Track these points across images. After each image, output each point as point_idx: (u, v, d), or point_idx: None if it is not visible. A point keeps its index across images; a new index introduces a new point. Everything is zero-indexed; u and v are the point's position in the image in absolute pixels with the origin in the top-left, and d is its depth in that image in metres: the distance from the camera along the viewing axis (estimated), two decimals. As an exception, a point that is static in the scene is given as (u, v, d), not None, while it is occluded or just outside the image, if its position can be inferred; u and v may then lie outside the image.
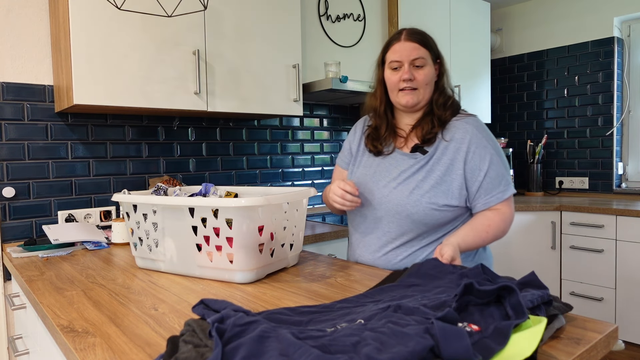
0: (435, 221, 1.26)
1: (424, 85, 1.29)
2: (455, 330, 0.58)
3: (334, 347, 0.58)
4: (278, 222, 1.21)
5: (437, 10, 3.00)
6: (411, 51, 1.28)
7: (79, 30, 1.57)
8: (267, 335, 0.59)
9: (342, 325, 0.71)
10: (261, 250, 1.16)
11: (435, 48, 1.32)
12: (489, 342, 0.61)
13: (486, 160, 1.25)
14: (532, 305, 0.73)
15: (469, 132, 1.27)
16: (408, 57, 1.27)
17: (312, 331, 0.66)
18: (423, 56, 1.28)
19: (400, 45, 1.29)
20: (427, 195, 1.25)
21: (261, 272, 1.18)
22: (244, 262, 1.13)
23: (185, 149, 2.20)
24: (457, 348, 0.56)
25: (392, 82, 1.31)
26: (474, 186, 1.25)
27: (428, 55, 1.29)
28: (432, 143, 1.29)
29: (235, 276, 1.15)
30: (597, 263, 2.71)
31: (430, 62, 1.30)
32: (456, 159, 1.26)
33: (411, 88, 1.28)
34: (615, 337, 0.78)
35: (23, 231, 1.79)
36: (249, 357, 0.54)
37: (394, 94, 1.32)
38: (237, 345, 0.56)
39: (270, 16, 2.09)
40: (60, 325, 0.88)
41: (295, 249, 1.32)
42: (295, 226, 1.30)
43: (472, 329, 0.64)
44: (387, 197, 1.29)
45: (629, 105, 3.24)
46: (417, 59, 1.27)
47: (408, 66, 1.28)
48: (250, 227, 1.11)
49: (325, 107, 2.77)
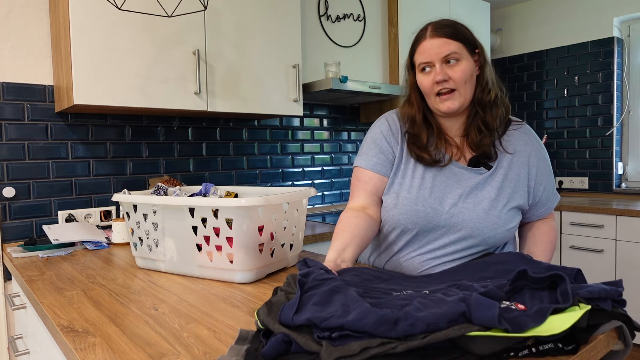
0: (504, 241, 1.16)
1: (463, 83, 1.10)
2: (488, 302, 0.64)
3: (384, 305, 0.69)
4: (278, 222, 1.21)
5: (437, 10, 3.00)
6: (440, 47, 1.09)
7: (79, 30, 1.57)
8: (337, 290, 0.72)
9: (408, 292, 0.80)
10: (261, 250, 1.16)
11: (470, 37, 1.12)
12: (527, 319, 0.65)
13: (546, 174, 1.19)
14: (591, 296, 0.73)
15: (529, 144, 1.18)
16: (438, 55, 1.09)
17: (376, 292, 0.80)
18: (456, 50, 1.09)
19: (427, 43, 1.10)
20: (503, 217, 1.12)
21: (261, 272, 1.18)
22: (244, 262, 1.13)
23: (185, 149, 2.20)
24: (485, 315, 0.62)
25: (425, 87, 1.13)
26: (534, 200, 1.19)
27: (462, 48, 1.10)
28: (493, 156, 1.15)
29: (235, 276, 1.15)
30: (597, 263, 2.71)
31: (466, 56, 1.10)
32: (521, 174, 1.15)
33: (449, 90, 1.10)
34: (615, 337, 0.78)
35: (23, 231, 1.79)
36: (319, 303, 0.68)
37: (431, 99, 1.14)
38: (312, 294, 0.71)
39: (270, 16, 2.09)
40: (60, 325, 0.88)
41: (295, 249, 1.32)
42: (295, 226, 1.30)
43: (518, 307, 0.69)
44: (457, 216, 1.12)
45: (628, 105, 3.24)
46: (449, 55, 1.08)
47: (440, 65, 1.09)
48: (250, 227, 1.11)
49: (325, 107, 2.77)
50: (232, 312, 0.94)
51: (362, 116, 2.93)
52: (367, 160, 1.21)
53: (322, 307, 0.67)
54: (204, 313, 0.93)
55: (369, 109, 2.88)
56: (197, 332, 0.83)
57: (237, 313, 0.93)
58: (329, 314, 0.64)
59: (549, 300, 0.73)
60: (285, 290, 0.79)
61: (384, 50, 2.79)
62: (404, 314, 0.63)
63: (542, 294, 0.74)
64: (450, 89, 1.10)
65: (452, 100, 1.11)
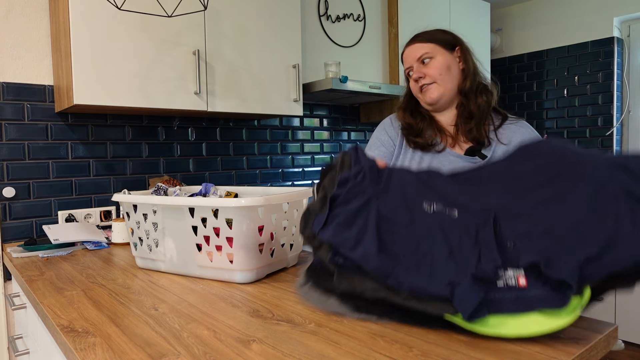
0: None
1: (438, 75, 1.25)
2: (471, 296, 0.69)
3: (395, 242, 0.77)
4: (278, 222, 1.21)
5: (437, 10, 3.00)
6: (415, 52, 1.28)
7: (79, 30, 1.57)
8: (361, 211, 0.77)
9: (437, 206, 0.81)
10: (261, 250, 1.16)
11: (446, 38, 1.28)
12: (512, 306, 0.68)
13: None
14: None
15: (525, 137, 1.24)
16: (414, 59, 1.28)
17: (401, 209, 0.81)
18: (427, 50, 1.26)
19: (406, 51, 1.31)
20: None
21: (261, 272, 1.18)
22: (244, 262, 1.13)
23: (185, 149, 2.20)
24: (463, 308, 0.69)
25: (412, 88, 1.31)
26: None
27: (435, 47, 1.26)
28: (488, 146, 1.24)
29: (235, 276, 1.15)
30: (597, 263, 2.71)
31: (440, 52, 1.26)
32: None
33: (427, 84, 1.27)
34: (615, 337, 0.78)
35: (23, 231, 1.79)
36: (341, 224, 0.74)
37: (419, 97, 1.30)
38: (338, 213, 0.77)
39: (270, 16, 2.09)
40: (60, 325, 0.88)
41: (295, 249, 1.32)
42: (295, 226, 1.30)
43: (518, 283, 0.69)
44: None
45: (628, 105, 3.24)
46: (422, 56, 1.27)
47: (417, 66, 1.28)
48: (250, 227, 1.12)
49: (325, 107, 2.77)
50: (232, 312, 0.94)
51: (362, 116, 2.93)
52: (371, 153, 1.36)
53: (343, 228, 0.76)
54: (204, 313, 0.93)
55: (369, 109, 2.88)
56: (197, 332, 0.83)
57: (237, 313, 0.93)
58: (344, 240, 0.74)
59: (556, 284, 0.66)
60: (323, 189, 0.84)
61: (384, 50, 2.79)
62: (396, 272, 0.74)
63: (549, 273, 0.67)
64: (429, 82, 1.26)
65: (430, 90, 1.26)
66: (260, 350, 0.75)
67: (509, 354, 0.71)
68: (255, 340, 0.79)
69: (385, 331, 0.82)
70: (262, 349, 0.75)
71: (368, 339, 0.78)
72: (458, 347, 0.74)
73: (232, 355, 0.73)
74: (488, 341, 0.76)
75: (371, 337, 0.79)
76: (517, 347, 0.73)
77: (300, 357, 0.72)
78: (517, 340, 0.76)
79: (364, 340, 0.78)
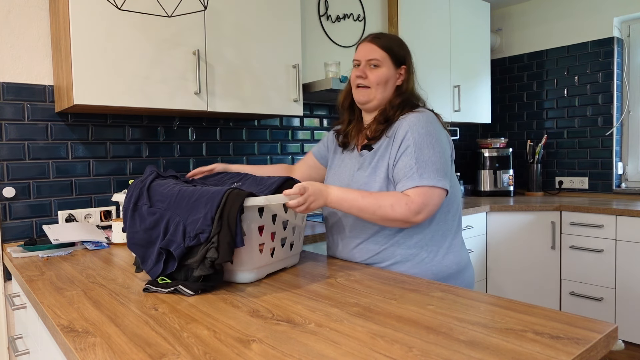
0: None
1: (375, 84, 1.35)
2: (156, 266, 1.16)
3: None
4: (278, 222, 1.21)
5: (437, 10, 3.00)
6: (369, 52, 1.35)
7: (79, 30, 1.57)
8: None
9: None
10: (261, 250, 1.16)
11: (399, 53, 1.37)
12: None
13: (406, 152, 1.25)
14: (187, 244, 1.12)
15: (403, 129, 1.28)
16: (365, 57, 1.36)
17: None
18: (379, 58, 1.34)
19: (362, 46, 1.39)
20: (364, 180, 1.33)
21: (261, 272, 1.18)
22: (244, 262, 1.13)
23: (185, 149, 2.20)
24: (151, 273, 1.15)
25: (351, 79, 1.41)
26: (395, 174, 1.27)
27: (386, 58, 1.35)
28: (378, 140, 1.34)
29: (235, 276, 1.15)
30: (597, 263, 2.71)
31: (387, 65, 1.35)
32: (388, 151, 1.30)
33: (364, 86, 1.36)
34: (615, 337, 0.78)
35: (23, 231, 1.79)
36: None
37: (353, 90, 1.40)
38: None
39: (270, 16, 2.09)
40: (60, 325, 0.88)
41: (295, 248, 1.32)
42: (295, 226, 1.30)
43: None
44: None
45: (628, 105, 3.24)
46: (372, 60, 1.34)
47: (364, 65, 1.36)
48: (251, 227, 1.12)
49: (325, 107, 2.77)
50: (232, 312, 0.94)
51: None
52: (315, 147, 1.62)
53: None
54: (204, 313, 0.94)
55: (369, 109, 2.88)
56: (197, 332, 0.83)
57: (237, 313, 0.93)
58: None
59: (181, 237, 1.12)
60: None
61: (384, 50, 2.78)
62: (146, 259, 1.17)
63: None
64: (366, 85, 1.36)
65: (363, 94, 1.37)
66: (260, 350, 0.75)
67: (509, 354, 0.71)
68: (255, 340, 0.79)
69: (385, 331, 0.82)
70: (262, 349, 0.75)
71: (368, 339, 0.79)
72: (458, 347, 0.74)
73: (232, 355, 0.73)
74: (488, 341, 0.76)
75: (371, 337, 0.79)
76: (517, 347, 0.73)
77: (300, 357, 0.72)
78: (517, 340, 0.76)
79: (364, 340, 0.78)
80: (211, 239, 1.04)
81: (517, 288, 2.92)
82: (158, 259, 1.12)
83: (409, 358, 0.71)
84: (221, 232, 1.04)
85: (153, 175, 1.25)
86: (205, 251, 1.05)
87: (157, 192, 1.17)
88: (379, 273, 1.22)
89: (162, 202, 1.15)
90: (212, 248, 1.03)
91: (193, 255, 1.08)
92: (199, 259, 1.05)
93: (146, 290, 1.09)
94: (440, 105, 3.04)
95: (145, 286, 1.10)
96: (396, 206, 1.19)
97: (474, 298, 0.98)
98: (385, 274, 1.21)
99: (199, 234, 1.07)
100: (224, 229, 1.04)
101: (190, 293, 1.04)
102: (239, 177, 1.37)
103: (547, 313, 0.88)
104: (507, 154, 3.41)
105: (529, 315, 0.87)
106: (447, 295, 1.01)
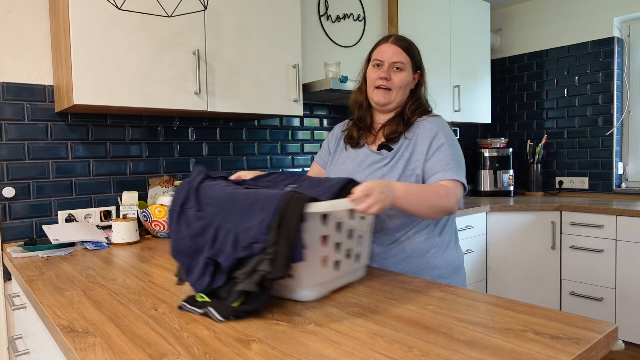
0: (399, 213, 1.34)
1: (398, 88, 1.37)
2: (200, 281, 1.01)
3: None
4: (343, 231, 1.07)
5: (437, 10, 3.00)
6: (393, 54, 1.36)
7: (79, 30, 1.57)
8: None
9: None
10: (325, 263, 1.02)
11: (417, 58, 1.41)
12: None
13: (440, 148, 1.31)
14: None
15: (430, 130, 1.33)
16: (390, 59, 1.36)
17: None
18: (403, 61, 1.36)
19: (386, 47, 1.38)
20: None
21: (325, 288, 1.04)
22: (306, 276, 0.98)
23: (185, 149, 2.20)
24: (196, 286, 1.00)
25: (371, 79, 1.40)
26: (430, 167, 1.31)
27: (409, 63, 1.38)
28: (397, 141, 1.37)
29: (296, 294, 1.01)
30: (597, 263, 2.71)
31: (409, 69, 1.38)
32: (415, 152, 1.33)
33: (386, 88, 1.37)
34: (615, 337, 0.78)
35: (23, 231, 1.79)
36: None
37: (371, 90, 1.41)
38: None
39: (270, 16, 2.09)
40: (60, 325, 0.88)
41: (362, 260, 1.17)
42: (363, 235, 1.16)
43: None
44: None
45: (628, 105, 3.24)
46: (398, 62, 1.36)
47: (388, 66, 1.37)
48: (314, 237, 0.98)
49: (325, 107, 2.77)
50: (232, 312, 0.93)
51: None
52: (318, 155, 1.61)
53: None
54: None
55: (369, 109, 2.88)
56: (197, 332, 0.83)
57: (237, 313, 0.93)
58: None
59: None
60: None
61: (384, 50, 2.78)
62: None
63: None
64: (387, 87, 1.37)
65: (384, 95, 1.38)
66: (260, 350, 0.75)
67: (509, 354, 0.71)
68: (255, 340, 0.79)
69: (385, 331, 0.82)
70: (262, 349, 0.75)
71: (368, 339, 0.78)
72: (458, 347, 0.74)
73: (232, 355, 0.73)
74: (488, 341, 0.76)
75: (371, 337, 0.79)
76: (517, 347, 0.73)
77: (300, 357, 0.72)
78: (517, 340, 0.76)
79: (364, 340, 0.78)
80: (266, 250, 0.89)
81: (517, 288, 2.92)
82: (204, 271, 0.97)
83: (409, 358, 0.71)
84: (279, 243, 0.88)
85: (202, 176, 1.10)
86: (257, 263, 0.89)
87: (207, 195, 1.02)
88: (379, 273, 1.22)
89: (212, 205, 1.00)
90: (266, 260, 0.88)
91: (240, 267, 0.93)
92: (247, 271, 0.90)
93: (181, 308, 0.96)
94: (440, 105, 3.04)
95: (180, 303, 0.96)
96: (449, 197, 1.24)
97: (474, 298, 0.98)
98: (386, 273, 1.21)
99: (252, 243, 0.91)
100: (282, 239, 0.88)
101: (220, 319, 0.89)
102: (294, 178, 1.24)
103: (547, 313, 0.88)
104: (507, 154, 3.41)
105: (529, 315, 0.87)
106: (447, 295, 1.01)
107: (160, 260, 1.45)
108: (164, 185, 2.00)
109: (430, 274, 1.35)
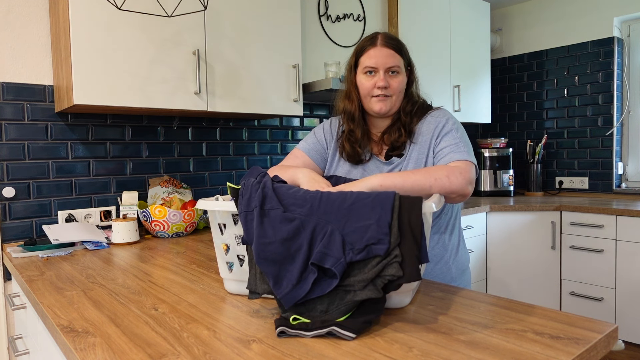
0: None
1: (398, 92, 1.27)
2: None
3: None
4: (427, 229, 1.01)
5: (437, 10, 3.00)
6: (387, 58, 1.25)
7: (79, 30, 1.57)
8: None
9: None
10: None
11: (407, 55, 1.31)
12: None
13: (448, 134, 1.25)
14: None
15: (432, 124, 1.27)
16: (384, 64, 1.25)
17: None
18: (398, 64, 1.26)
19: (376, 50, 1.25)
20: None
21: (414, 293, 0.99)
22: None
23: (185, 149, 2.20)
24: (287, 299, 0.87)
25: (365, 88, 1.28)
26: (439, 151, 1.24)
27: (402, 63, 1.28)
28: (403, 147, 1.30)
29: (390, 301, 0.94)
30: (597, 263, 2.71)
31: (404, 70, 1.29)
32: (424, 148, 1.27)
33: (385, 95, 1.26)
34: (615, 337, 0.78)
35: (23, 231, 1.79)
36: None
37: (367, 99, 1.29)
38: None
39: (270, 16, 2.09)
40: (60, 325, 0.88)
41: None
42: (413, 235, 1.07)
43: None
44: None
45: (629, 105, 3.24)
46: (393, 67, 1.25)
47: (384, 73, 1.25)
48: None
49: (325, 107, 2.77)
50: (232, 312, 0.94)
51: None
52: (305, 142, 1.41)
53: None
54: (204, 313, 0.93)
55: (369, 109, 2.88)
56: (197, 332, 0.83)
57: (237, 313, 0.93)
58: None
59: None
60: None
61: (384, 50, 2.78)
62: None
63: None
64: (386, 95, 1.26)
65: (385, 103, 1.27)
66: (260, 350, 0.75)
67: (509, 354, 0.71)
68: (255, 340, 0.79)
69: (385, 331, 0.82)
70: (262, 349, 0.75)
71: (368, 339, 0.78)
72: (458, 347, 0.74)
73: (232, 355, 0.73)
74: (488, 341, 0.76)
75: (371, 337, 0.79)
76: (517, 347, 0.73)
77: (300, 357, 0.72)
78: (517, 340, 0.76)
79: (364, 340, 0.78)
80: (391, 252, 0.82)
81: (517, 288, 2.92)
82: (301, 278, 0.86)
83: (409, 358, 0.71)
84: (404, 244, 0.82)
85: (268, 177, 0.98)
86: (382, 267, 0.82)
87: (288, 195, 0.92)
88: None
89: (300, 206, 0.90)
90: (395, 263, 0.81)
91: (354, 273, 0.84)
92: (368, 278, 0.82)
93: (281, 334, 0.81)
94: (440, 105, 3.04)
95: (278, 329, 0.81)
96: (452, 177, 1.11)
97: (474, 298, 0.98)
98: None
99: (370, 244, 0.83)
100: (408, 239, 0.82)
101: (351, 336, 0.79)
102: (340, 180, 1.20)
103: (547, 313, 0.88)
104: (507, 154, 3.41)
105: (529, 315, 0.87)
106: (447, 295, 1.01)
107: (160, 260, 1.45)
108: (164, 185, 2.00)
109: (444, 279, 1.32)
